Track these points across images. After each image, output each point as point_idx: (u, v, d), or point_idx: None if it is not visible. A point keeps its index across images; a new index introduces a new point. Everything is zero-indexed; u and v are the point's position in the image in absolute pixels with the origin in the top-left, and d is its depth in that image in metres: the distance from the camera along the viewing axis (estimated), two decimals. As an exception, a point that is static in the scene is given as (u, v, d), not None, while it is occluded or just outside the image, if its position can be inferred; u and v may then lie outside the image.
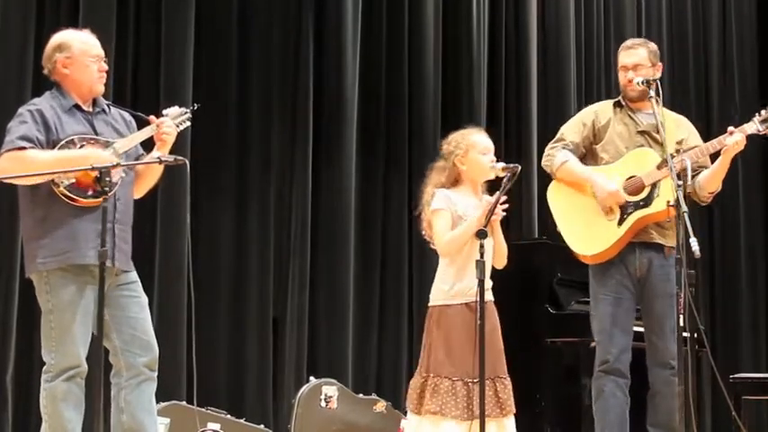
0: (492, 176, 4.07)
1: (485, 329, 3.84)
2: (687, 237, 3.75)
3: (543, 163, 4.75)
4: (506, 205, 4.02)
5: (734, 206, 7.91)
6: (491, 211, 3.91)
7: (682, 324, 3.93)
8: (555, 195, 4.74)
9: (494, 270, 4.15)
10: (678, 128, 4.66)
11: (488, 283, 4.08)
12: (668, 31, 8.13)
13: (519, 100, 7.30)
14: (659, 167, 4.49)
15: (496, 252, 4.12)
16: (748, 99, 8.29)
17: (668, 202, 4.05)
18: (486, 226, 3.84)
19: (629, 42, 4.75)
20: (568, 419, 5.88)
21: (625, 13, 7.99)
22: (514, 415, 4.06)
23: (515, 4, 7.37)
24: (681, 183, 3.94)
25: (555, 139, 4.78)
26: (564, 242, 6.10)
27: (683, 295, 3.89)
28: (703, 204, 4.72)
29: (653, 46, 4.72)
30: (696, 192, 4.57)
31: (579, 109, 7.52)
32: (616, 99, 4.72)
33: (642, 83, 4.51)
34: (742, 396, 5.44)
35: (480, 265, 3.79)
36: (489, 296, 4.08)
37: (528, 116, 7.26)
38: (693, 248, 3.76)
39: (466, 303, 4.00)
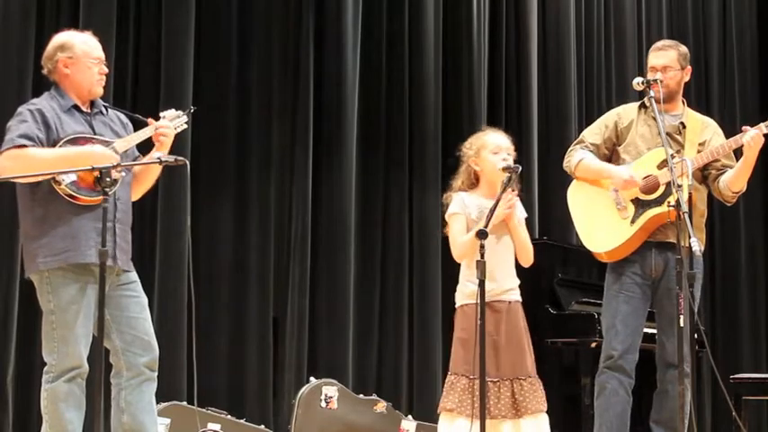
0: (505, 177, 4.05)
1: (501, 330, 3.91)
2: (688, 237, 3.76)
3: (564, 165, 4.75)
4: (512, 200, 4.04)
5: (734, 205, 7.90)
6: (492, 212, 3.92)
7: (682, 324, 3.93)
8: (573, 195, 4.74)
9: None
10: (703, 130, 4.64)
11: (512, 283, 4.15)
12: (668, 31, 8.12)
13: (519, 101, 7.30)
14: (659, 167, 4.49)
15: (519, 250, 4.17)
16: (748, 99, 8.30)
17: (668, 203, 4.06)
18: (486, 226, 3.85)
19: (659, 44, 4.72)
20: (568, 419, 5.88)
21: (625, 12, 7.98)
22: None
23: (515, 5, 7.37)
24: (681, 184, 3.94)
25: (575, 142, 4.78)
26: (565, 243, 6.11)
27: (683, 295, 3.90)
28: (728, 204, 4.72)
29: (683, 48, 4.68)
30: (721, 191, 4.57)
31: (579, 110, 7.58)
32: (641, 101, 4.70)
33: (642, 83, 4.50)
34: (742, 396, 5.45)
35: (481, 265, 3.79)
36: (513, 296, 4.15)
37: (528, 117, 7.26)
38: (694, 248, 3.76)
39: (487, 303, 4.01)
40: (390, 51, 6.68)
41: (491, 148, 4.14)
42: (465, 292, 4.12)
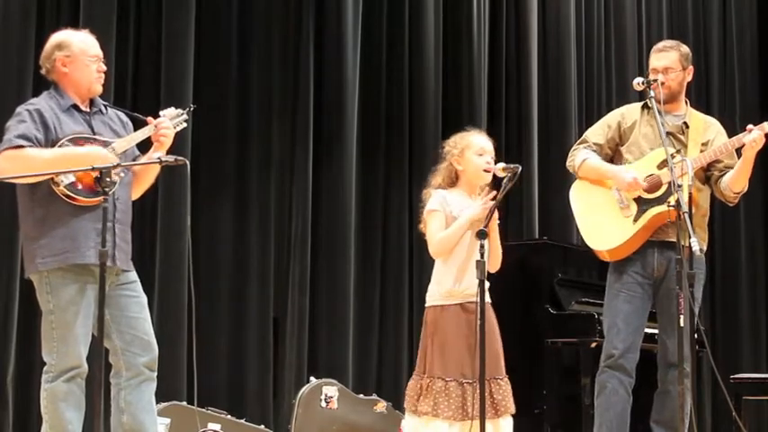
0: (487, 179, 4.06)
1: (474, 331, 3.87)
2: (688, 236, 3.76)
3: (567, 164, 4.74)
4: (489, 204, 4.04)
5: (734, 205, 7.91)
6: (491, 212, 3.92)
7: (682, 324, 3.93)
8: (576, 194, 4.73)
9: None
10: (706, 130, 4.63)
11: (485, 284, 4.09)
12: (668, 31, 8.12)
13: (519, 100, 7.30)
14: (659, 167, 4.49)
15: (491, 255, 4.12)
16: (748, 99, 8.30)
17: (668, 202, 4.06)
18: (486, 226, 3.84)
19: (660, 45, 4.71)
20: (568, 419, 5.88)
21: (625, 12, 7.99)
22: (513, 415, 4.07)
23: (516, 5, 7.37)
24: (681, 184, 3.94)
25: (578, 141, 4.78)
26: (565, 243, 6.09)
27: (683, 295, 3.90)
28: (731, 205, 4.72)
29: (685, 49, 4.67)
30: (722, 192, 4.56)
31: (579, 110, 7.58)
32: (644, 101, 4.68)
33: (642, 83, 4.49)
34: (742, 396, 5.45)
35: (481, 265, 3.80)
36: (485, 297, 4.09)
37: (528, 117, 7.26)
38: (694, 248, 3.76)
39: (461, 304, 4.01)
40: (390, 51, 6.68)
41: (475, 150, 4.12)
42: (441, 293, 4.08)
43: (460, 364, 3.93)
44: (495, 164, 4.10)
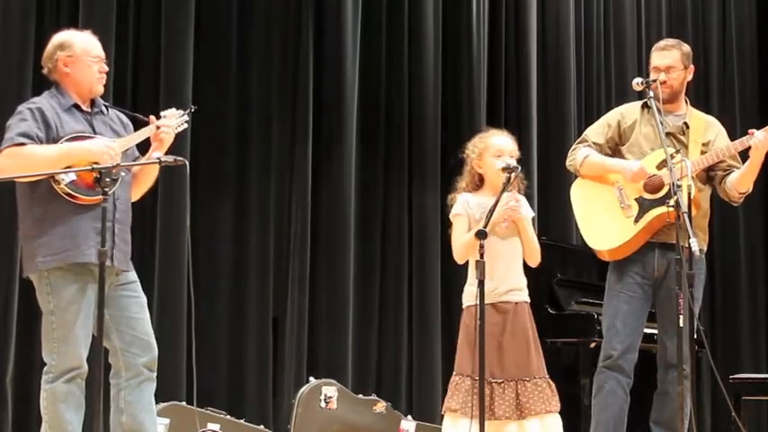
0: (504, 179, 4.06)
1: (506, 330, 3.93)
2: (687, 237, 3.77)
3: (567, 164, 4.73)
4: (516, 201, 4.05)
5: (734, 206, 7.91)
6: (491, 212, 3.92)
7: (681, 325, 3.93)
8: (576, 193, 4.73)
9: None
10: (707, 130, 4.62)
11: (519, 283, 4.15)
12: (668, 31, 8.12)
13: (519, 100, 7.29)
14: (658, 168, 4.49)
15: (526, 250, 4.18)
16: (747, 100, 8.29)
17: (667, 203, 4.06)
18: (485, 226, 3.85)
19: (662, 43, 4.69)
20: (568, 419, 5.87)
21: (625, 13, 7.98)
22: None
23: (515, 4, 7.37)
24: (681, 184, 3.95)
25: (577, 141, 4.77)
26: (565, 243, 6.09)
27: (682, 295, 3.90)
28: (735, 204, 4.72)
29: (686, 48, 4.66)
30: (727, 192, 4.56)
31: (579, 110, 7.58)
32: (644, 100, 4.66)
33: (641, 83, 4.49)
34: (742, 396, 5.45)
35: (480, 265, 3.80)
36: (519, 297, 4.15)
37: (527, 117, 7.25)
38: (693, 249, 3.77)
39: (492, 304, 4.01)
40: (390, 51, 6.67)
41: (493, 152, 4.15)
42: (472, 293, 4.09)
43: (489, 363, 3.93)
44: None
